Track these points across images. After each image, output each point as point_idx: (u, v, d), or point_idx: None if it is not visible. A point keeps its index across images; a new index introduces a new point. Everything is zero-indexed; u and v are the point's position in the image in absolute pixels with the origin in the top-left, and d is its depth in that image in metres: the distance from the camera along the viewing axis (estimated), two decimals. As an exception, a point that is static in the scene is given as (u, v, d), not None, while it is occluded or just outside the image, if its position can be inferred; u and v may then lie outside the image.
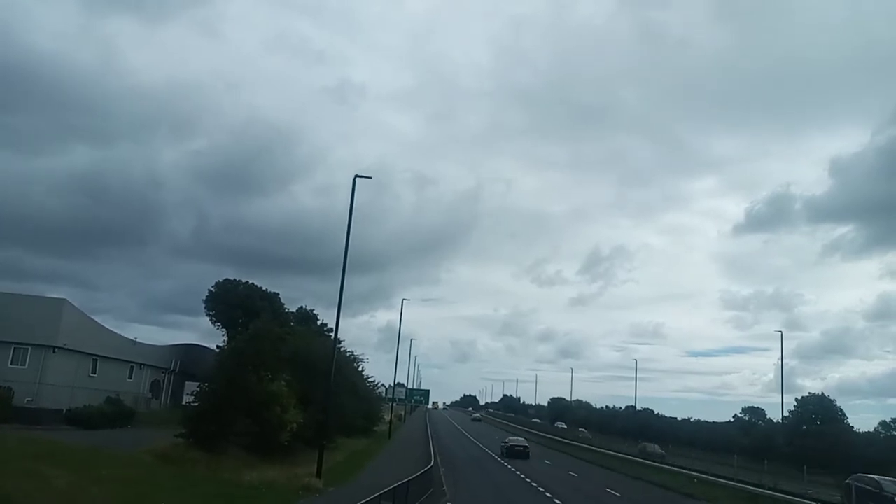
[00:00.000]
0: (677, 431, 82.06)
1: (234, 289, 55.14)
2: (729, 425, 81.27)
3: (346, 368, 50.31)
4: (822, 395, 53.84)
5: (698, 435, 74.68)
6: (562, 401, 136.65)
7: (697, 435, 74.98)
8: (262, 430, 28.33)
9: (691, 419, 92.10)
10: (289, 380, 32.20)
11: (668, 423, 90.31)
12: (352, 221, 25.69)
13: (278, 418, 28.92)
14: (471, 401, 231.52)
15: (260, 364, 27.11)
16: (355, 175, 26.51)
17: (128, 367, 47.44)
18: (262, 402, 28.31)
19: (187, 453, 25.00)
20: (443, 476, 31.24)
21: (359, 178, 26.62)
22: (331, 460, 34.43)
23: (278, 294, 55.27)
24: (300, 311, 66.99)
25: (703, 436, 72.98)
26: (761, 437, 60.44)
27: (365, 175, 26.72)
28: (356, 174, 26.50)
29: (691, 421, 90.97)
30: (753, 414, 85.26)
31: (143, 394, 49.50)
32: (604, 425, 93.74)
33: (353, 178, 26.43)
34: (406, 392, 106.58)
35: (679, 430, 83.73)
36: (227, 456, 26.33)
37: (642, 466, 40.13)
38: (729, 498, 28.05)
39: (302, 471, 26.35)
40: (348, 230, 25.62)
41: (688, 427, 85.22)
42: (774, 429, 58.69)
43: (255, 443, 28.56)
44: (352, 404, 48.41)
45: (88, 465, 18.71)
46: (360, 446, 46.26)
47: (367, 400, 58.76)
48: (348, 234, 25.61)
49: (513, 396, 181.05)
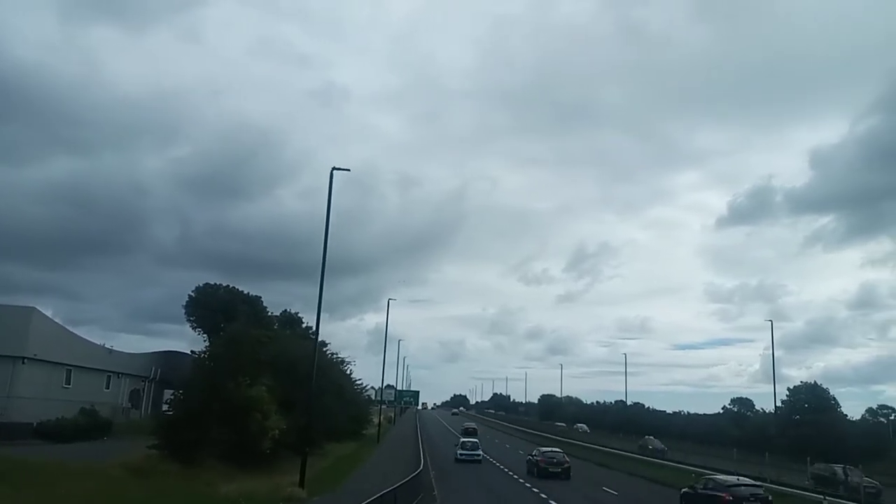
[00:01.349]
0: (669, 425, 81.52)
1: (214, 293, 53.58)
2: (719, 416, 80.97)
3: (332, 371, 49.04)
4: (815, 384, 53.36)
5: (690, 428, 74.19)
6: (552, 397, 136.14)
7: (689, 428, 74.48)
8: (242, 439, 27.05)
9: (682, 412, 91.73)
10: (270, 385, 30.97)
11: (660, 417, 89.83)
12: (330, 215, 24.57)
13: (259, 425, 27.67)
14: (461, 400, 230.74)
15: (237, 369, 25.82)
16: (332, 168, 25.31)
17: (104, 376, 45.81)
18: (241, 409, 27.05)
19: (160, 465, 23.70)
20: (433, 479, 30.16)
21: (337, 171, 25.40)
22: (317, 467, 33.20)
23: (260, 297, 53.87)
24: (284, 315, 65.52)
25: (695, 428, 72.50)
26: (754, 428, 59.90)
27: (343, 168, 25.51)
28: (333, 167, 25.30)
29: (682, 414, 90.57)
30: (742, 405, 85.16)
31: (121, 404, 47.87)
32: (595, 421, 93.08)
33: (331, 171, 25.24)
34: (395, 394, 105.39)
35: (671, 423, 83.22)
36: (204, 467, 25.03)
37: (638, 462, 39.24)
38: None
39: (285, 480, 25.11)
40: (327, 224, 24.48)
41: (679, 420, 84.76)
42: (767, 419, 58.15)
43: (234, 452, 27.25)
44: (338, 408, 47.14)
45: (49, 483, 17.36)
46: (347, 451, 45.00)
47: (354, 403, 57.50)
48: (327, 228, 24.46)
49: (503, 395, 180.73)
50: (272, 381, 31.30)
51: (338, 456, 40.68)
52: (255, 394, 28.29)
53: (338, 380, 48.51)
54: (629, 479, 34.79)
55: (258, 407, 27.90)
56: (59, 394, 39.22)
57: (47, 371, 38.81)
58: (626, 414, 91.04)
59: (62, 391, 39.88)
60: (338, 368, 64.17)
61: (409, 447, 48.57)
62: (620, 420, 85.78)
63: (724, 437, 64.14)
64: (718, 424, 70.92)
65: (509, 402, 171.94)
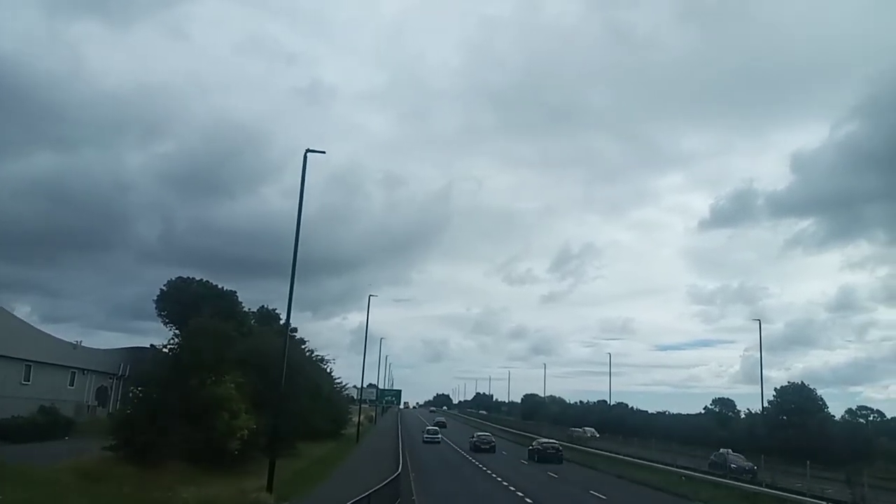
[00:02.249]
0: (652, 425, 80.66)
1: (187, 287, 51.54)
2: (702, 417, 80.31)
3: (311, 369, 47.29)
4: (802, 385, 52.48)
5: (675, 428, 73.27)
6: (535, 397, 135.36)
7: (674, 428, 73.56)
8: (208, 439, 25.25)
9: (665, 412, 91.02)
10: (241, 382, 29.21)
11: (643, 417, 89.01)
12: (303, 200, 22.94)
13: (226, 425, 25.90)
14: (444, 400, 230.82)
15: (200, 364, 23.98)
16: (306, 150, 23.64)
17: (69, 373, 43.59)
18: (207, 407, 25.26)
19: (116, 468, 21.82)
20: (412, 482, 28.60)
21: (311, 154, 23.72)
22: (289, 469, 31.42)
23: (235, 292, 51.92)
24: (261, 311, 63.58)
25: (680, 429, 71.58)
26: (741, 429, 59.04)
27: (317, 150, 23.83)
28: (308, 149, 23.62)
29: (666, 414, 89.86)
30: (724, 405, 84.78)
31: (87, 402, 45.63)
32: (578, 421, 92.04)
33: (304, 153, 23.57)
34: (377, 393, 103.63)
35: (654, 423, 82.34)
36: (166, 470, 23.17)
37: (625, 464, 37.97)
38: (726, 498, 25.90)
39: (252, 484, 23.37)
40: (299, 210, 22.84)
41: (663, 420, 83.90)
42: (754, 420, 57.26)
43: (200, 453, 25.41)
44: (315, 407, 45.42)
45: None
46: (324, 452, 43.20)
47: (333, 402, 55.75)
48: (299, 214, 22.83)
49: (486, 394, 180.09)
50: (243, 379, 29.58)
51: (314, 457, 38.88)
52: (224, 391, 26.51)
53: (315, 378, 46.75)
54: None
55: (226, 405, 26.12)
56: (16, 391, 37.02)
57: (3, 367, 36.57)
58: (610, 414, 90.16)
59: (20, 388, 37.67)
60: (317, 366, 62.39)
61: (389, 447, 46.90)
62: (604, 420, 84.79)
63: (710, 438, 63.34)
64: (703, 425, 70.04)
65: (492, 401, 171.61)
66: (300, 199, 23.00)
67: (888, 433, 63.27)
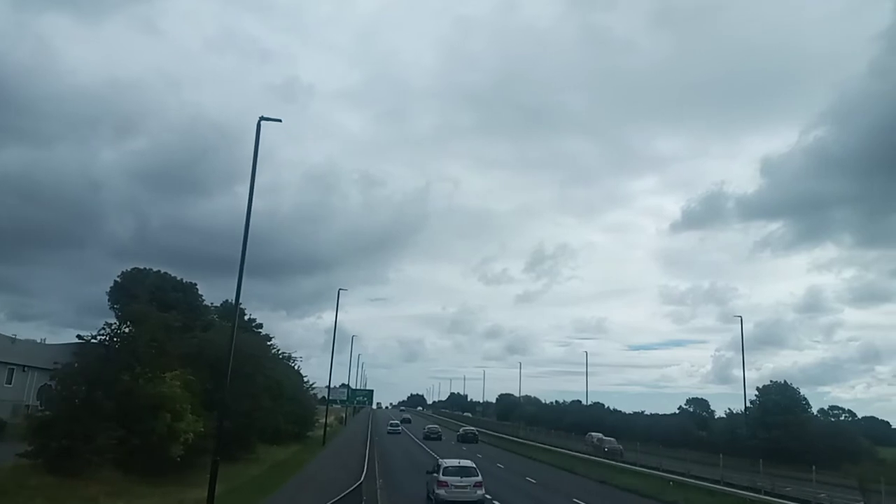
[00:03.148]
0: (631, 426, 78.92)
1: (142, 279, 48.11)
2: (679, 417, 78.88)
3: (274, 367, 44.32)
4: (785, 384, 50.88)
5: (654, 429, 71.55)
6: (510, 397, 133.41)
7: (653, 429, 71.85)
8: (146, 444, 22.32)
9: (642, 412, 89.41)
10: (191, 380, 26.30)
11: (621, 417, 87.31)
12: (256, 169, 20.16)
13: (168, 427, 22.96)
14: (418, 400, 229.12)
15: (134, 358, 21.02)
16: (260, 117, 20.86)
17: (6, 369, 39.98)
18: (144, 407, 22.32)
19: (31, 478, 18.79)
20: (378, 490, 25.96)
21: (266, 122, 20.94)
22: (244, 476, 28.59)
23: (195, 284, 48.58)
24: (226, 305, 60.29)
25: (659, 429, 69.90)
26: (720, 429, 57.43)
27: (273, 118, 21.06)
28: (261, 116, 20.86)
29: (643, 414, 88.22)
30: (698, 405, 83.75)
31: (26, 401, 41.95)
32: (554, 421, 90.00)
33: (258, 121, 20.79)
34: (348, 392, 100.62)
35: (633, 424, 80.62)
36: (92, 479, 20.21)
37: (607, 468, 35.76)
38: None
39: (194, 494, 20.57)
40: (252, 180, 20.10)
41: (641, 421, 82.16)
42: (735, 420, 55.64)
43: (136, 459, 22.48)
44: (278, 407, 42.48)
45: None
46: (286, 456, 40.30)
47: (299, 402, 52.75)
48: (252, 184, 20.09)
49: (460, 394, 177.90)
50: (194, 376, 26.66)
51: (274, 461, 35.99)
52: (167, 390, 23.59)
53: (278, 377, 43.78)
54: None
55: (167, 405, 23.19)
56: (-59, 389, 33.51)
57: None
58: (587, 414, 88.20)
59: (-54, 386, 34.16)
60: (283, 365, 59.28)
61: (357, 450, 44.11)
62: (581, 420, 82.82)
63: (689, 439, 61.66)
64: (683, 426, 68.41)
65: (467, 401, 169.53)
66: (253, 169, 20.31)
67: (861, 433, 62.48)
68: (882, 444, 63.71)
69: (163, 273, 49.21)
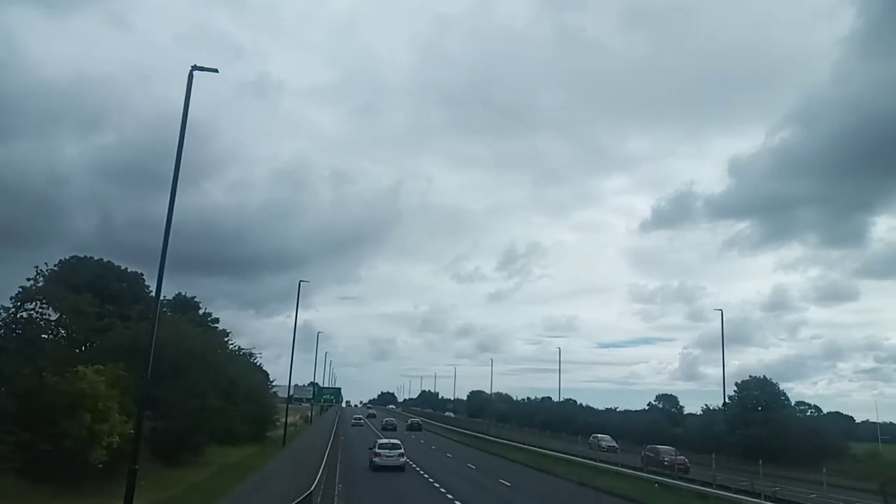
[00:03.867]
0: (604, 423, 77.23)
1: (83, 268, 44.11)
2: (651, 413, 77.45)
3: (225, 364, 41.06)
4: (765, 378, 49.23)
5: (627, 425, 69.91)
6: (481, 394, 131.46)
7: (626, 425, 70.20)
8: (59, 448, 19.16)
9: (616, 409, 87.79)
10: (123, 375, 23.12)
11: (593, 414, 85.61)
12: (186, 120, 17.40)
13: (87, 430, 19.81)
14: (389, 398, 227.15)
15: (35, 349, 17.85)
16: (192, 66, 17.91)
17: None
18: (59, 407, 19.16)
19: None
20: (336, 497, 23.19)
21: (199, 73, 17.99)
22: (184, 482, 25.55)
23: (142, 274, 44.61)
24: (178, 298, 56.63)
25: (632, 426, 68.22)
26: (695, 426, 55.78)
27: (207, 67, 18.09)
28: (193, 66, 17.91)
29: (616, 411, 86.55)
30: (667, 401, 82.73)
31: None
32: (526, 418, 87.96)
33: (190, 70, 17.85)
34: (314, 391, 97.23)
35: (605, 420, 78.96)
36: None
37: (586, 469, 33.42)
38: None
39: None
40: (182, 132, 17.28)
41: (614, 417, 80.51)
42: (713, 416, 54.01)
43: (48, 466, 19.32)
44: (231, 406, 39.33)
45: None
46: (239, 458, 37.14)
47: (257, 401, 49.47)
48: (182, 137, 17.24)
49: (431, 392, 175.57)
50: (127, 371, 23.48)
51: (224, 465, 32.85)
52: (86, 386, 20.42)
53: (233, 374, 40.61)
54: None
55: (87, 404, 20.04)
56: None
57: None
58: (559, 411, 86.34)
59: None
60: (242, 361, 55.96)
61: (318, 450, 41.08)
62: (553, 418, 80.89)
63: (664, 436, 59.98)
64: (657, 423, 66.77)
65: (437, 399, 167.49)
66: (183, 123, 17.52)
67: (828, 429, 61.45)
68: (848, 439, 63.18)
69: (105, 262, 45.25)
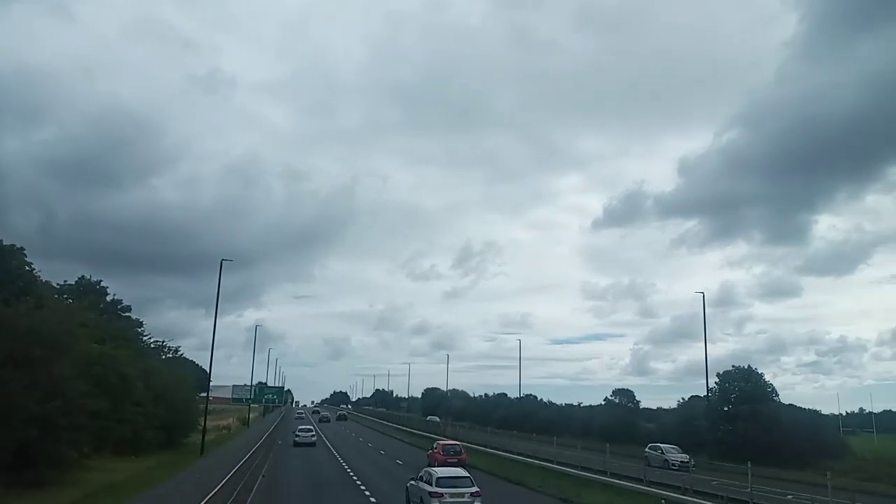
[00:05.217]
0: (567, 419, 72.00)
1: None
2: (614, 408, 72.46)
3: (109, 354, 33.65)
4: (750, 369, 44.43)
5: (593, 421, 64.72)
6: (436, 391, 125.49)
7: (592, 422, 65.02)
8: None
9: (580, 404, 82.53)
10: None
11: (555, 410, 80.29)
12: None
13: None
14: (342, 397, 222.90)
15: None
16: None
17: None
18: None
19: None
20: None
21: None
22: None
23: (23, 249, 36.63)
24: (81, 282, 48.68)
25: (598, 422, 63.05)
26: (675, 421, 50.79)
27: None
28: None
29: (579, 406, 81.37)
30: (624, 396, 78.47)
31: None
32: (484, 416, 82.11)
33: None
34: (254, 390, 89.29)
35: (568, 417, 73.75)
36: None
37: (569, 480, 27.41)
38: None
39: None
40: None
41: (578, 413, 75.30)
42: (692, 410, 49.10)
43: None
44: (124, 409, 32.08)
45: None
46: (129, 473, 29.69)
47: (169, 403, 41.95)
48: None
49: (385, 390, 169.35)
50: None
51: (101, 485, 25.51)
52: None
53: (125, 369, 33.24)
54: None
55: None
56: None
57: None
58: (518, 408, 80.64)
59: None
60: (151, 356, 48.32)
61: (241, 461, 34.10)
62: (512, 415, 75.19)
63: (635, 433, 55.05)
64: (626, 418, 61.75)
65: (392, 397, 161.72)
66: None
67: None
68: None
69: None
